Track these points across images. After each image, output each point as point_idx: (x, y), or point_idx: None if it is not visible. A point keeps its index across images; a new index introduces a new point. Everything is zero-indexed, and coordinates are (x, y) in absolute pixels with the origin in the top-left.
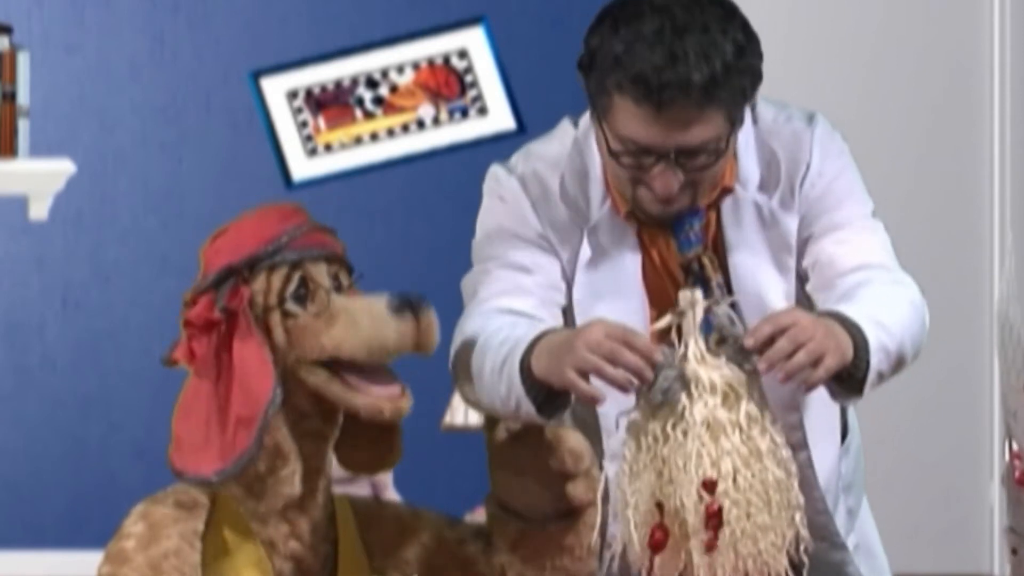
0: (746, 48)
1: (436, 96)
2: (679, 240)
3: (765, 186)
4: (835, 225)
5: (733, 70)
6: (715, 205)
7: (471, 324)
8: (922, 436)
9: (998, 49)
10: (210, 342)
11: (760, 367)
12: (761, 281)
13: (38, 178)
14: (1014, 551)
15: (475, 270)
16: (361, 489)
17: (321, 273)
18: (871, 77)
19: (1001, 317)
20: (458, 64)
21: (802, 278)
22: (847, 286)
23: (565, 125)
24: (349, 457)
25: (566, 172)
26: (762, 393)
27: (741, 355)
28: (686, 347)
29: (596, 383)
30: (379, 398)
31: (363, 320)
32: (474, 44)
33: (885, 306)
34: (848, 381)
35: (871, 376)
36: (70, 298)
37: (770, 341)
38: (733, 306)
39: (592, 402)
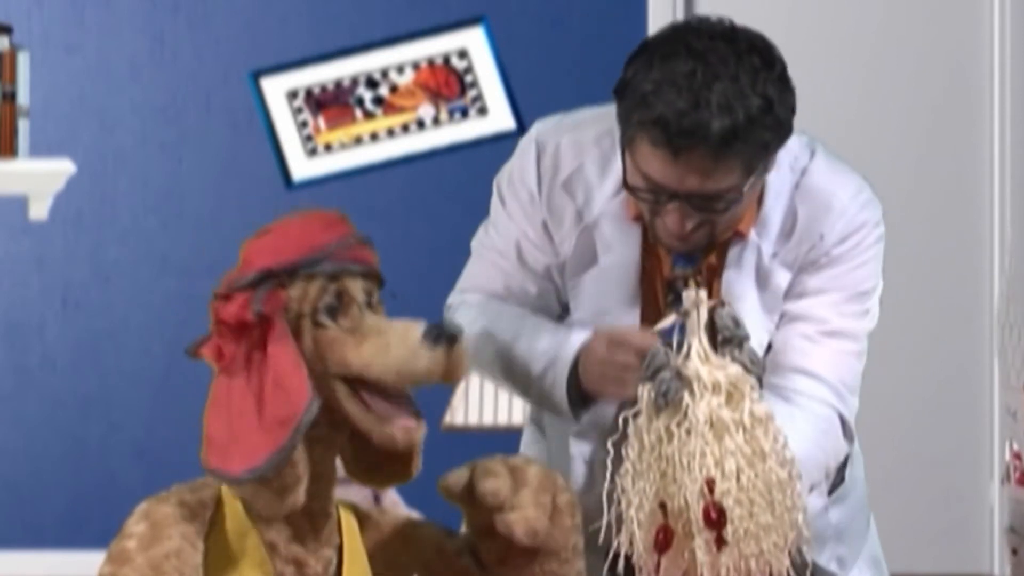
0: (775, 102)
1: (436, 96)
2: (674, 255)
3: (778, 241)
4: (814, 316)
5: (756, 123)
6: (724, 243)
7: (463, 314)
8: (922, 436)
9: (998, 49)
10: (241, 343)
11: None
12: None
13: (38, 178)
14: (1014, 551)
15: (479, 239)
16: (360, 490)
17: (356, 288)
18: (871, 77)
19: (1001, 317)
20: (458, 64)
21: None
22: (781, 388)
23: (612, 107)
24: (364, 472)
25: (588, 158)
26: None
27: (744, 356)
28: (689, 347)
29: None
30: (394, 427)
31: (395, 345)
32: (474, 44)
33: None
34: None
35: None
36: (70, 298)
37: None
38: None
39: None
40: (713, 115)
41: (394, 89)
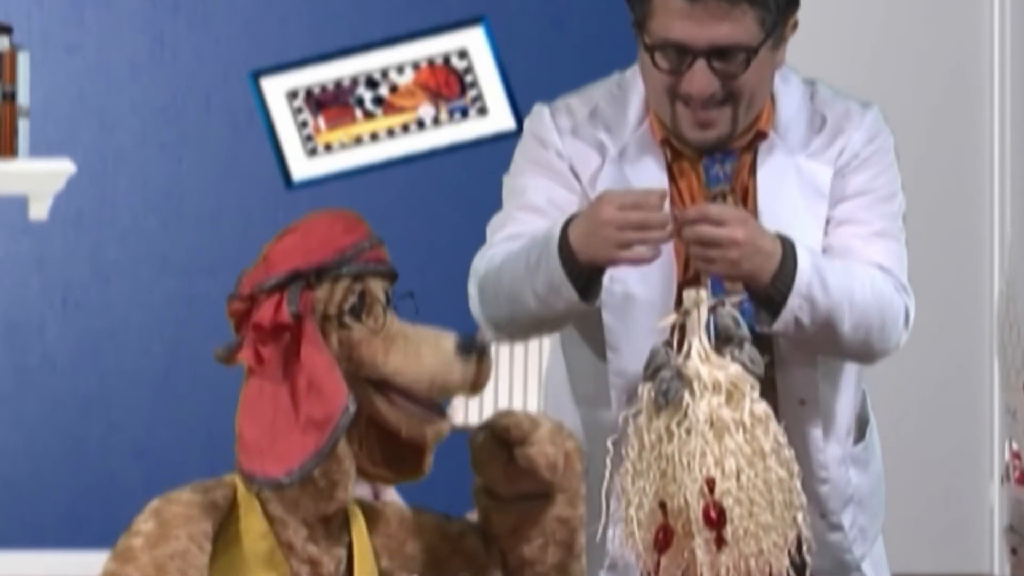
0: None
1: (436, 96)
2: (708, 175)
3: (806, 141)
4: (860, 219)
5: None
6: (751, 149)
7: (484, 260)
8: (922, 436)
9: (998, 49)
10: (277, 345)
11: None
12: (788, 228)
13: (38, 178)
14: (1014, 551)
15: (498, 214)
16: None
17: (379, 289)
18: (871, 77)
19: (1001, 316)
20: (458, 64)
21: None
22: None
23: (614, 73)
24: (374, 470)
25: (601, 100)
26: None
27: (745, 355)
28: (690, 346)
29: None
30: (421, 420)
31: (427, 354)
32: (474, 44)
33: (848, 277)
34: (766, 304)
35: (785, 314)
36: (70, 298)
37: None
38: (743, 307)
39: (643, 263)
40: None
41: (394, 89)
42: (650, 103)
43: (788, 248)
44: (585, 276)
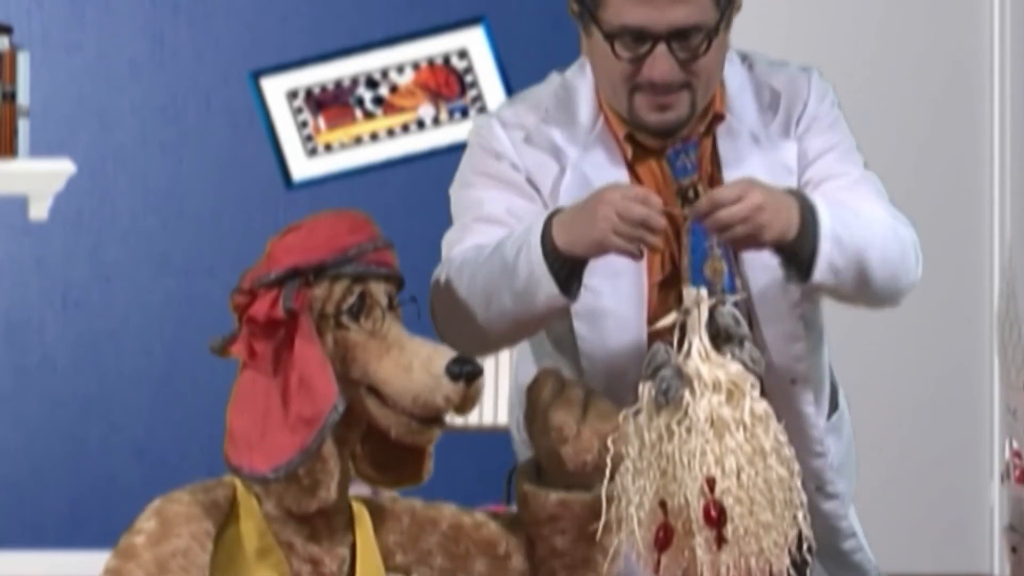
0: None
1: (436, 96)
2: (674, 168)
3: (762, 117)
4: (837, 172)
5: None
6: (709, 134)
7: (447, 271)
8: (922, 436)
9: (998, 49)
10: (271, 340)
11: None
12: None
13: (38, 178)
14: (1014, 549)
15: (453, 227)
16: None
17: (380, 292)
18: (871, 77)
19: (1001, 315)
20: (458, 64)
21: None
22: None
23: (551, 76)
24: (374, 472)
25: (550, 104)
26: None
27: (745, 354)
28: (690, 345)
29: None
30: (409, 427)
31: (417, 370)
32: (474, 44)
33: (854, 215)
34: (796, 263)
35: (820, 262)
36: (70, 298)
37: (714, 208)
38: (738, 304)
39: (632, 257)
40: None
41: (394, 89)
42: (605, 96)
43: (798, 195)
44: (567, 270)
